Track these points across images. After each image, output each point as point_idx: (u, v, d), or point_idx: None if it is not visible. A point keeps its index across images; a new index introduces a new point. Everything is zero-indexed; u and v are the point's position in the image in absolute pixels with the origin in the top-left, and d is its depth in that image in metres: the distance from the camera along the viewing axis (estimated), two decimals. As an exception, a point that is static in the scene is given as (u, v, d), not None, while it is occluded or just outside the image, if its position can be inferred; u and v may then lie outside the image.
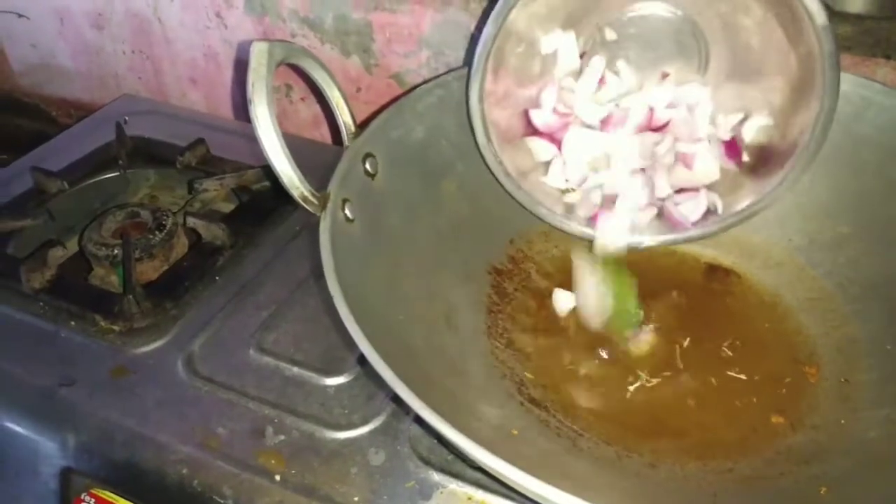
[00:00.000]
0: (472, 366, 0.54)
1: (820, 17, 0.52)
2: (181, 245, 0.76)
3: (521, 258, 0.66)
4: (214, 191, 0.81)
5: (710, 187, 0.64)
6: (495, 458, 0.36)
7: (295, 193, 0.48)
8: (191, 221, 0.75)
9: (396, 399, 0.45)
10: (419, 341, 0.51)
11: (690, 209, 0.64)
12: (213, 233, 0.74)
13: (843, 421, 0.53)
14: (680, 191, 0.64)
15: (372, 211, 0.55)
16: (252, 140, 0.48)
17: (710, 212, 0.64)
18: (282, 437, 0.57)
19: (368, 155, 0.56)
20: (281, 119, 1.04)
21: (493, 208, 0.66)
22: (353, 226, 0.52)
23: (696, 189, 0.64)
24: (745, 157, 0.63)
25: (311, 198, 0.48)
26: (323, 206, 0.49)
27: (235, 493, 0.54)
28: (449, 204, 0.64)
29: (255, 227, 0.75)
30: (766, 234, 0.68)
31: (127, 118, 0.92)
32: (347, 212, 0.51)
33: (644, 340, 0.59)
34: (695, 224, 0.64)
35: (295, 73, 0.98)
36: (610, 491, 0.45)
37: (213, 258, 0.72)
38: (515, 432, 0.49)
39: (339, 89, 0.53)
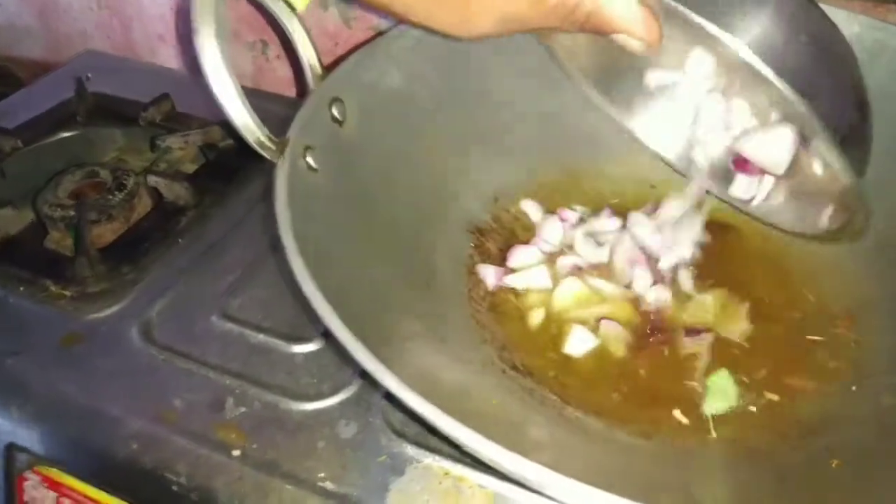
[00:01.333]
0: (450, 331, 0.49)
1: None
2: (143, 206, 0.71)
3: (505, 217, 0.62)
4: (179, 149, 0.76)
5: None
6: (469, 431, 0.32)
7: (249, 137, 0.42)
8: (152, 180, 0.69)
9: (364, 373, 0.40)
10: (394, 305, 0.46)
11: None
12: (175, 192, 0.68)
13: (854, 387, 0.49)
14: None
15: (341, 162, 0.50)
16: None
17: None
18: (243, 409, 0.52)
19: (336, 100, 0.51)
20: (258, 77, 0.99)
21: (477, 164, 0.61)
22: (317, 176, 0.47)
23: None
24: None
25: (267, 143, 0.43)
26: (281, 153, 0.44)
27: (190, 470, 0.49)
28: (428, 158, 0.58)
29: (221, 186, 0.70)
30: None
31: (90, 75, 0.87)
32: (310, 160, 0.46)
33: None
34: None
35: (272, 30, 0.92)
36: (597, 465, 0.41)
37: (176, 219, 0.67)
38: (495, 402, 0.44)
39: (302, 23, 0.48)
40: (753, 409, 0.47)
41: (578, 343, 0.53)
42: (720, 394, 0.48)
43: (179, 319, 0.59)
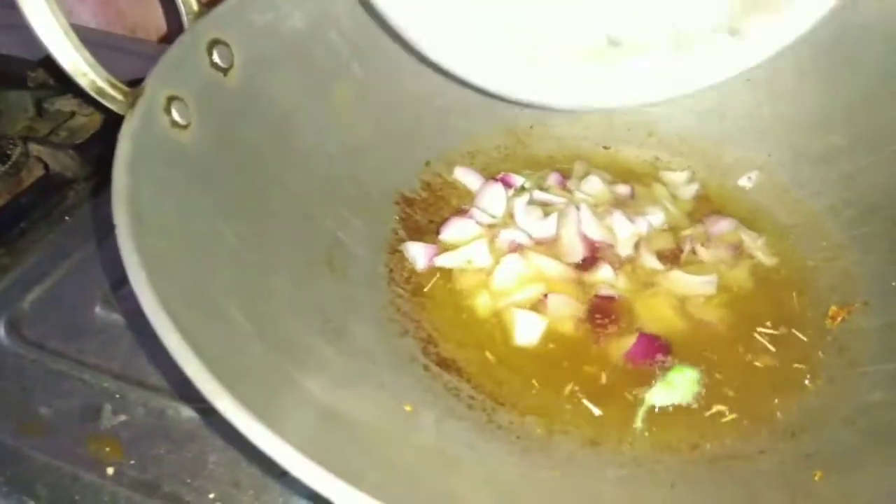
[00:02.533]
0: (358, 321, 0.41)
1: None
2: (32, 179, 0.61)
3: (439, 185, 0.53)
4: (81, 115, 0.66)
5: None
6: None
7: (82, 83, 0.34)
8: (34, 149, 0.60)
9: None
10: (281, 290, 0.38)
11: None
12: (61, 162, 0.59)
13: (838, 378, 0.42)
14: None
15: (222, 118, 0.41)
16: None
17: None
18: (122, 418, 0.44)
19: (217, 42, 0.42)
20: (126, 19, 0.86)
21: (403, 124, 0.53)
22: (186, 134, 0.38)
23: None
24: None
25: (110, 91, 0.34)
26: (131, 104, 0.35)
27: (51, 494, 0.41)
28: (343, 116, 0.50)
29: (118, 156, 0.61)
30: (742, 148, 0.55)
31: (-19, 32, 0.76)
32: (176, 114, 0.37)
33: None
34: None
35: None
36: (523, 488, 0.33)
37: (62, 194, 0.58)
38: (409, 408, 0.36)
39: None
40: (720, 408, 0.40)
41: (526, 329, 0.45)
42: (673, 387, 0.41)
43: (56, 311, 0.50)
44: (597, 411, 0.40)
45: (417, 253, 0.48)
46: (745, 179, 0.55)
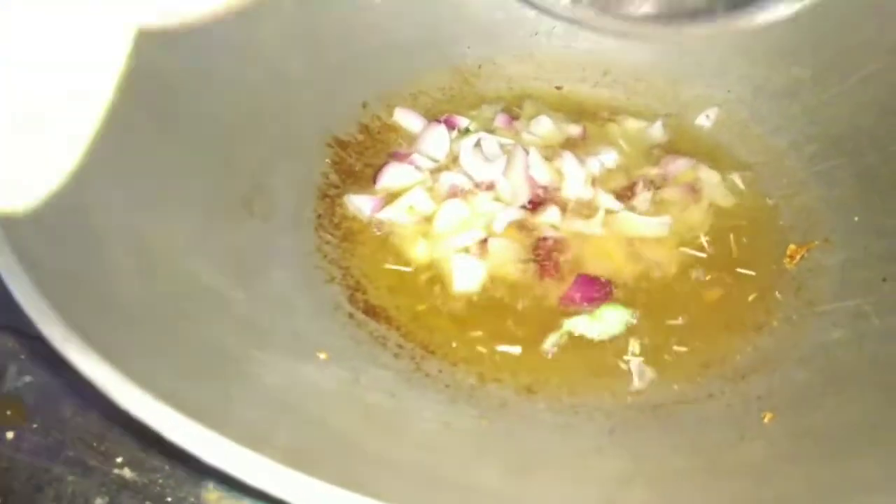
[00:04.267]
0: (277, 267, 0.38)
1: None
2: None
3: (377, 127, 0.50)
4: None
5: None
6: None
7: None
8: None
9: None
10: (186, 232, 0.35)
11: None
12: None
13: (795, 317, 0.39)
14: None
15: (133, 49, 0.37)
16: None
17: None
18: (27, 379, 0.41)
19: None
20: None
21: (339, 58, 0.49)
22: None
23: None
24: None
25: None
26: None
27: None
28: (270, 49, 0.46)
29: None
30: (700, 84, 0.52)
31: None
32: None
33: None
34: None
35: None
36: (444, 436, 0.30)
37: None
38: (323, 355, 0.33)
39: None
40: (668, 357, 0.37)
41: (464, 275, 0.42)
42: (598, 320, 0.38)
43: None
44: (518, 351, 0.37)
45: (361, 204, 0.45)
46: (704, 118, 0.51)
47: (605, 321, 0.38)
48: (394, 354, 0.36)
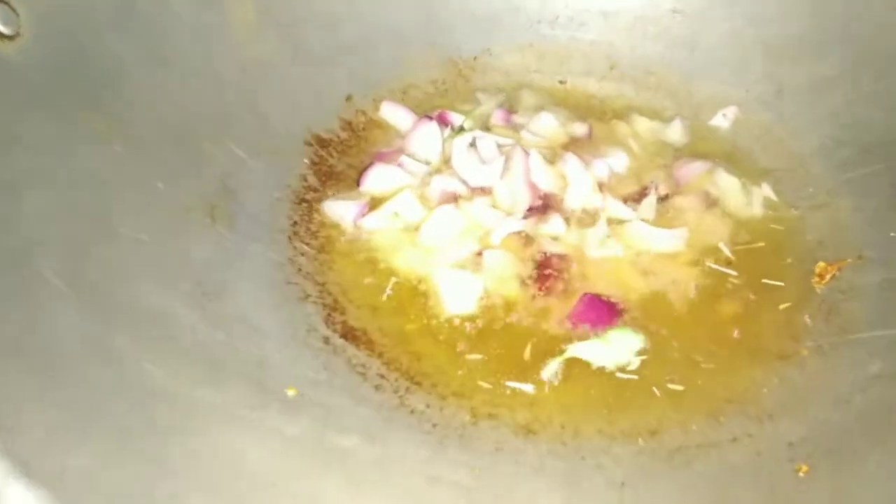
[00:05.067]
0: (241, 282, 0.33)
1: None
2: None
3: (361, 123, 0.45)
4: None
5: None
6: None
7: None
8: None
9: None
10: (134, 243, 0.30)
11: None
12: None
13: (826, 346, 0.35)
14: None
15: (67, 25, 0.32)
16: None
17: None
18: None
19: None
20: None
21: (320, 47, 0.44)
22: (13, 45, 0.30)
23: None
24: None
25: None
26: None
27: None
28: (239, 32, 0.41)
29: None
30: (717, 82, 0.47)
31: None
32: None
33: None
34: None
35: None
36: (431, 495, 0.26)
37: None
38: (292, 392, 0.28)
39: None
40: (675, 387, 0.33)
41: (457, 293, 0.37)
42: (606, 344, 0.34)
43: None
44: (531, 390, 0.32)
45: (342, 211, 0.40)
46: (721, 117, 0.47)
47: (614, 346, 0.34)
48: (374, 386, 0.32)
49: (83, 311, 0.25)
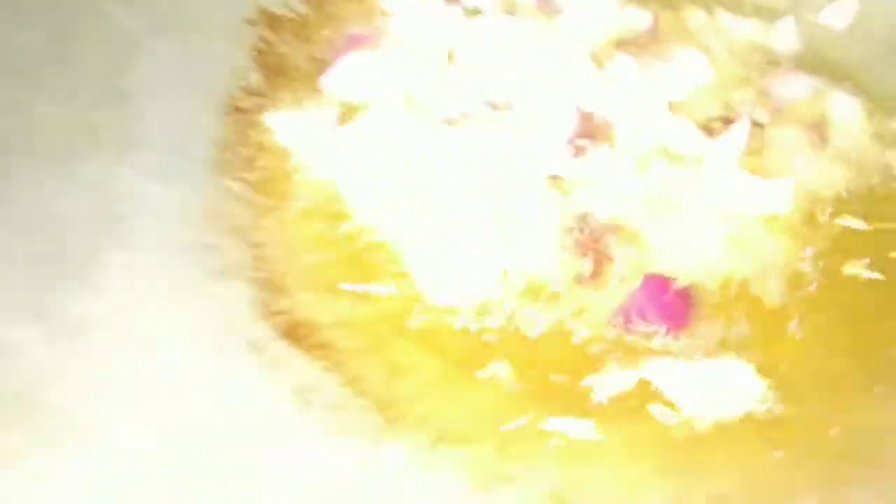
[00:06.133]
0: (133, 250, 0.21)
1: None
2: None
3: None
4: None
5: None
6: None
7: None
8: None
9: None
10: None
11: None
12: None
13: None
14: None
15: None
16: None
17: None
18: None
19: None
20: None
21: None
22: None
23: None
24: None
25: None
26: None
27: None
28: None
29: None
30: None
31: None
32: None
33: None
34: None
35: None
36: None
37: None
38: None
39: None
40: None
41: (449, 276, 0.25)
42: None
43: None
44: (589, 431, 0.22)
45: (297, 128, 0.28)
46: (833, 14, 0.34)
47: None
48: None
49: None
